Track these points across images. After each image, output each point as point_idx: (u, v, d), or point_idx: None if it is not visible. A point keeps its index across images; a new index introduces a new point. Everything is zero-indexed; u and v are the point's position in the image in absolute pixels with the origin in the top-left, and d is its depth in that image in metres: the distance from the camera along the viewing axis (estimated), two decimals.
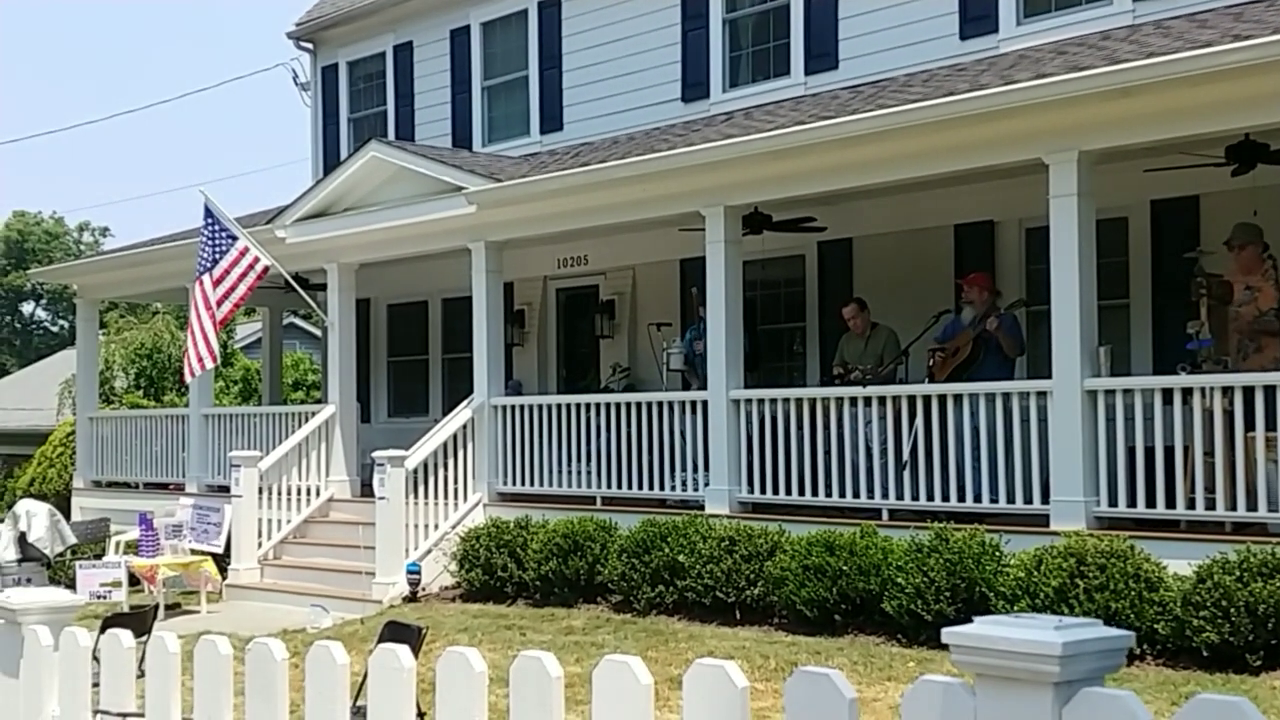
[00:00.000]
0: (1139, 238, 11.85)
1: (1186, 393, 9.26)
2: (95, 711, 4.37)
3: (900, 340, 12.00)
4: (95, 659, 4.47)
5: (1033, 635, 2.22)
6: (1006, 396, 10.22)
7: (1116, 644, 2.33)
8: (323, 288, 16.24)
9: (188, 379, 15.90)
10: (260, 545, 14.67)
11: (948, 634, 2.33)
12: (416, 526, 13.19)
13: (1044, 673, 2.20)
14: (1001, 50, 12.39)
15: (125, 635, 4.30)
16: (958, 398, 10.52)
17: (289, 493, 15.01)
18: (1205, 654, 8.15)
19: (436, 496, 13.45)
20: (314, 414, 15.73)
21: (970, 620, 2.45)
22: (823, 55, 13.95)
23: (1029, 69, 10.34)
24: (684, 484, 12.25)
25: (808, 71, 14.09)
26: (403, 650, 3.33)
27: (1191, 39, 9.47)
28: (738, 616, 10.48)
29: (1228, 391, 9.02)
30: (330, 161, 18.43)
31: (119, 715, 4.26)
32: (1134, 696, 2.19)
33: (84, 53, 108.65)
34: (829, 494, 11.13)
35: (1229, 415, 8.97)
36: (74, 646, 4.43)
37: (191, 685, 4.02)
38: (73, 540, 15.81)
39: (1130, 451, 9.46)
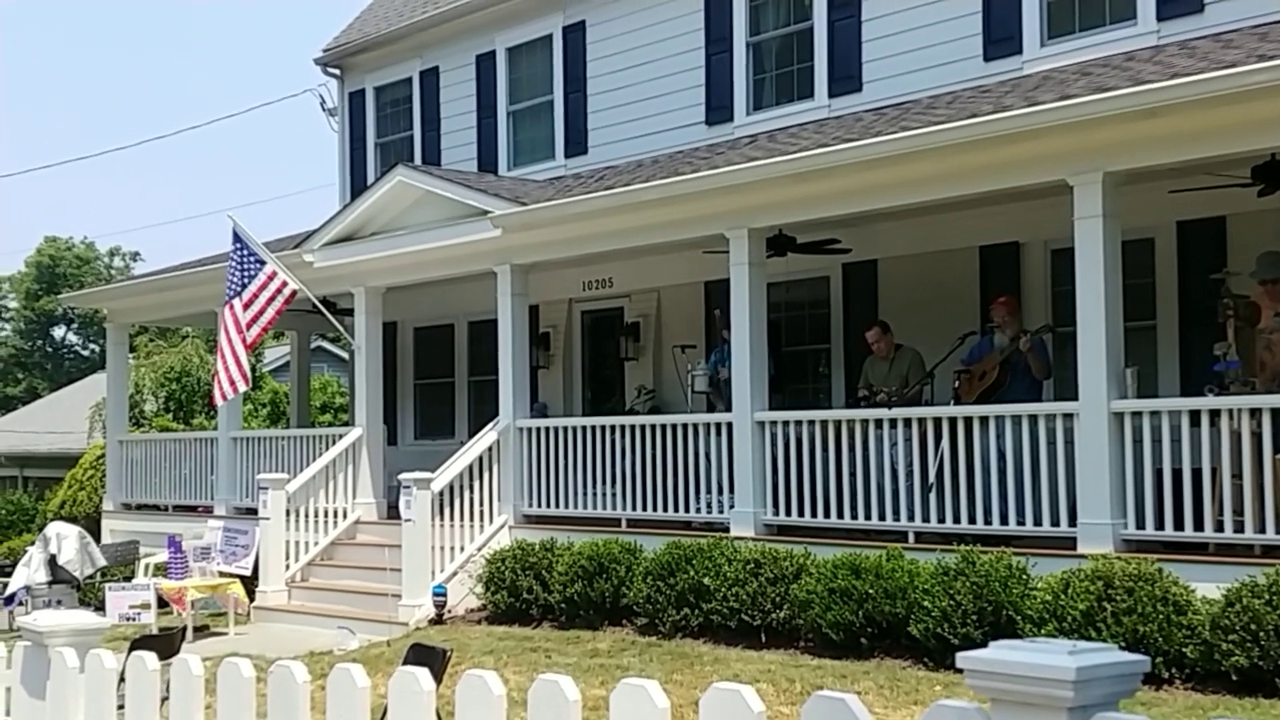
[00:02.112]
0: (1165, 259, 11.80)
1: (1214, 414, 9.19)
2: None
3: (925, 361, 11.97)
4: (122, 680, 4.50)
5: (1047, 660, 2.21)
6: (1033, 418, 10.17)
7: (1131, 669, 2.32)
8: (350, 311, 16.32)
9: (218, 402, 15.98)
10: (288, 567, 14.73)
11: (962, 659, 2.32)
12: (443, 549, 13.22)
13: (1058, 698, 2.19)
14: (1025, 71, 12.39)
15: (150, 657, 4.33)
16: (984, 419, 10.48)
17: (316, 515, 15.06)
18: (1234, 678, 8.08)
19: (462, 519, 13.48)
20: (341, 436, 15.79)
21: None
22: (846, 78, 13.97)
23: (1053, 90, 10.32)
24: (709, 506, 12.24)
25: (831, 94, 14.11)
26: (422, 673, 3.34)
27: (1216, 59, 9.45)
28: (763, 639, 10.46)
29: (1255, 413, 8.95)
30: (357, 186, 18.54)
31: None
32: None
33: (116, 80, 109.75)
34: (854, 516, 11.10)
35: (1257, 437, 8.90)
36: (99, 668, 4.45)
37: (216, 707, 4.04)
38: (102, 562, 15.90)
39: (1158, 473, 9.40)
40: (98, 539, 17.35)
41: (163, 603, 14.30)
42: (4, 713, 5.39)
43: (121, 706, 4.45)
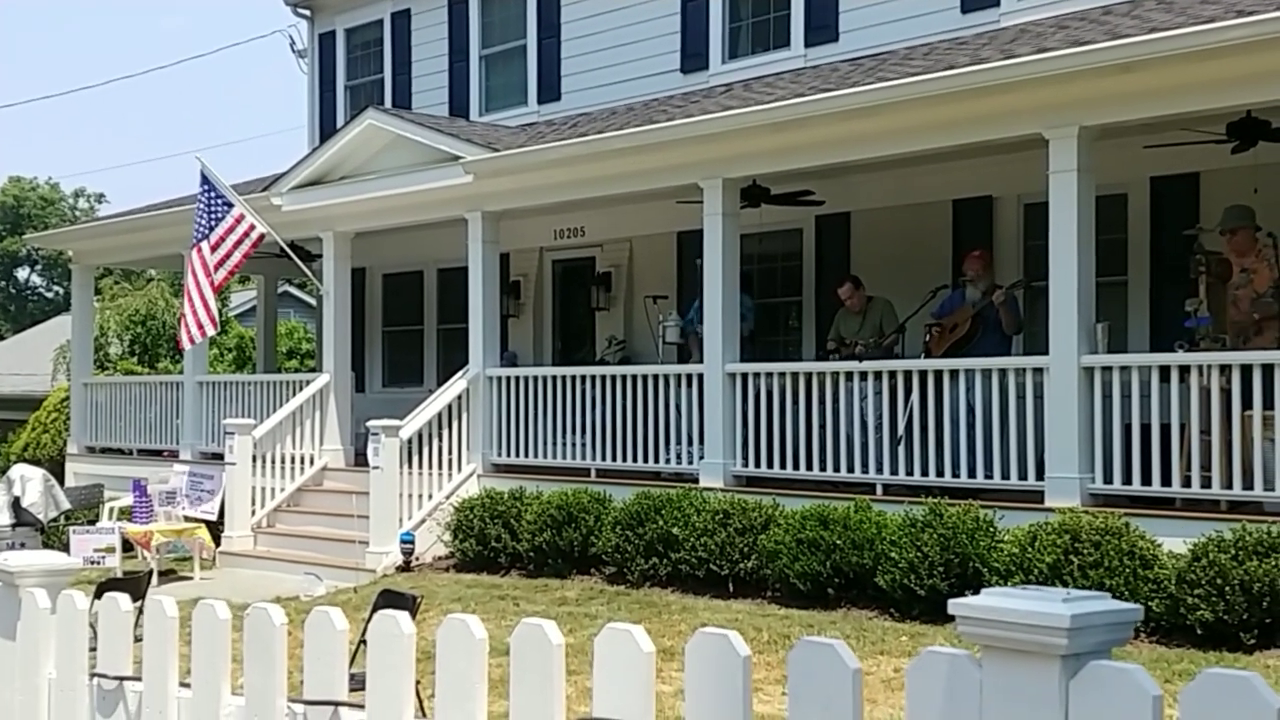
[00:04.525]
0: (1138, 214, 11.83)
1: (1184, 370, 9.24)
2: (91, 674, 4.36)
3: (896, 310, 11.99)
4: (91, 624, 4.45)
5: (1041, 607, 2.20)
6: (1003, 372, 10.21)
7: (1125, 617, 2.32)
8: (318, 256, 16.19)
9: (185, 346, 15.85)
10: (254, 513, 14.68)
11: (954, 605, 2.31)
12: (410, 496, 13.19)
13: (1052, 645, 2.18)
14: (1003, 24, 12.34)
15: (123, 599, 4.28)
16: (954, 373, 10.51)
17: (283, 461, 15.00)
18: (1200, 632, 8.17)
19: (431, 466, 13.44)
20: (308, 383, 15.70)
21: (964, 596, 2.43)
22: (823, 27, 13.88)
23: (1030, 43, 10.29)
24: (679, 457, 12.24)
25: (808, 43, 14.02)
26: (403, 617, 3.31)
27: (1194, 14, 9.42)
28: (731, 589, 10.50)
29: (1225, 370, 9.01)
30: (327, 129, 18.32)
31: (115, 678, 4.24)
32: (1142, 670, 2.18)
33: (81, 18, 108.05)
34: (824, 468, 11.13)
35: (1226, 393, 8.97)
36: (71, 609, 4.40)
37: (186, 651, 4.00)
38: (66, 506, 15.79)
39: (1126, 429, 9.45)
40: (62, 482, 17.20)
41: (127, 546, 14.22)
42: None
43: (92, 649, 4.40)
